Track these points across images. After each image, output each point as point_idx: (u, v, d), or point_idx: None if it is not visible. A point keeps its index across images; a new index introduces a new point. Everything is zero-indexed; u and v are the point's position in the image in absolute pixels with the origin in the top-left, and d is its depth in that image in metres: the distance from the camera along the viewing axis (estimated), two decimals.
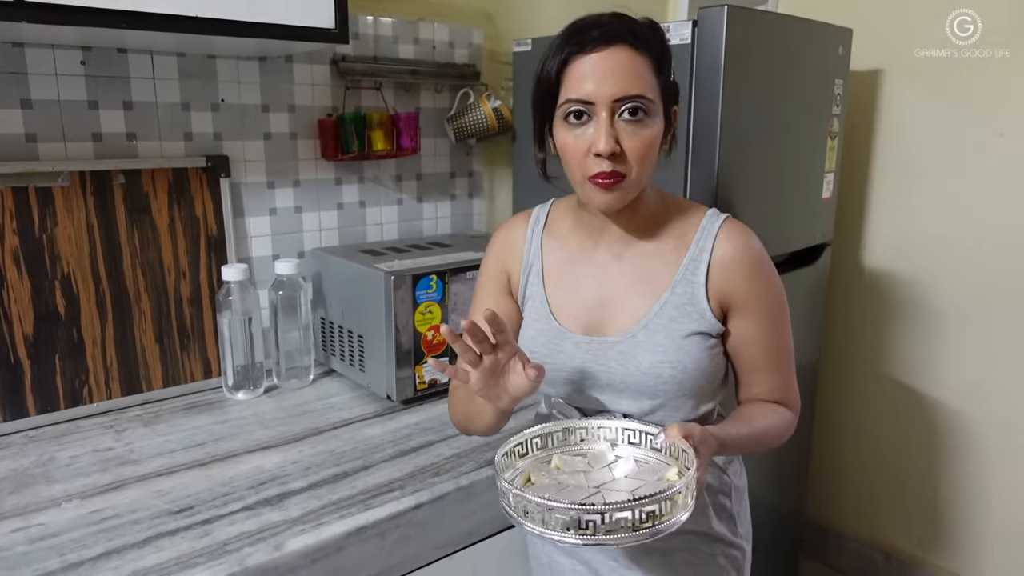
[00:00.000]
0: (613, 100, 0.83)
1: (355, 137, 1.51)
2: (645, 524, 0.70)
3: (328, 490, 1.04)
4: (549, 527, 0.71)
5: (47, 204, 1.22)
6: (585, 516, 0.69)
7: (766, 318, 0.93)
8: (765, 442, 0.93)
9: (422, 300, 1.32)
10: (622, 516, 0.69)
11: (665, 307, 0.92)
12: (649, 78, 0.85)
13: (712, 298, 0.91)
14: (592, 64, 0.84)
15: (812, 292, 1.84)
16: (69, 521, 0.95)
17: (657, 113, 0.86)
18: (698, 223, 0.94)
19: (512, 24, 1.84)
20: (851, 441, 2.17)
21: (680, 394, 0.92)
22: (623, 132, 0.84)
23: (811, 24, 1.58)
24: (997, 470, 1.89)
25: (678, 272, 0.92)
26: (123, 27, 0.99)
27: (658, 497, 0.70)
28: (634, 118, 0.84)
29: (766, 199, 1.55)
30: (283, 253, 1.53)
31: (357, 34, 1.55)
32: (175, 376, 1.39)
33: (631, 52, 0.84)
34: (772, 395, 0.97)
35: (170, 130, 1.35)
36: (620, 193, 0.87)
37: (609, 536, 0.69)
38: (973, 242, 1.83)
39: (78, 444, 1.18)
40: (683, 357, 0.90)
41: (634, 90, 0.83)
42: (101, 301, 1.29)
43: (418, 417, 1.30)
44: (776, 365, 0.96)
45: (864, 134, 1.98)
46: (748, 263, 0.92)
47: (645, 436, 0.86)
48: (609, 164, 0.84)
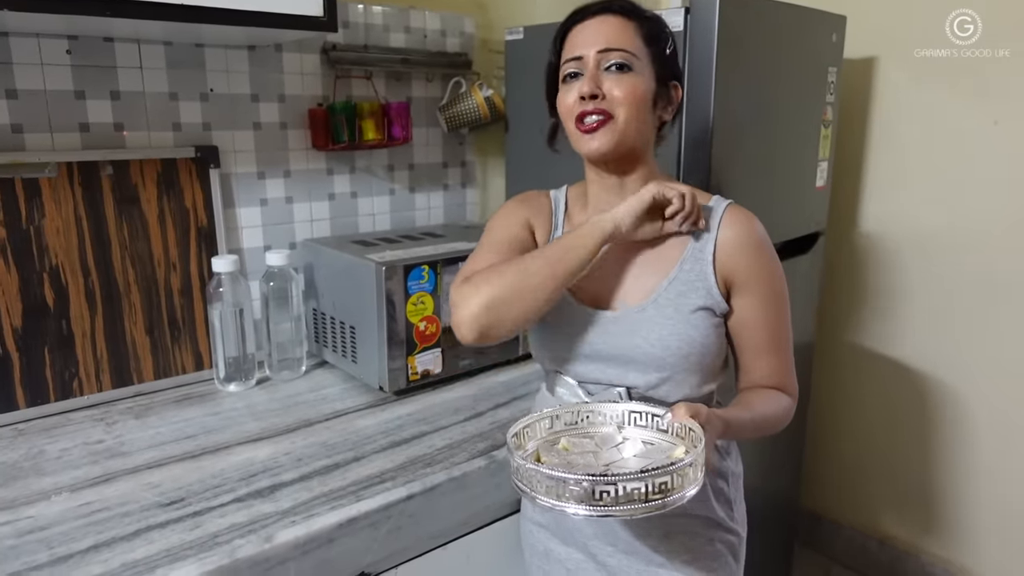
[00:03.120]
0: (597, 51, 0.92)
1: (346, 127, 1.49)
2: (656, 496, 0.72)
3: (319, 481, 1.03)
4: (563, 499, 0.72)
5: (34, 196, 1.20)
6: (599, 487, 0.71)
7: (768, 299, 0.97)
8: (766, 428, 0.96)
9: (414, 291, 1.31)
10: (635, 487, 0.71)
11: (674, 283, 0.95)
12: (636, 41, 0.93)
13: (718, 275, 0.95)
14: (585, 28, 0.94)
15: (806, 280, 1.83)
16: (59, 514, 0.95)
17: (642, 70, 0.93)
18: (705, 203, 0.98)
19: (504, 12, 1.82)
20: (845, 429, 2.17)
21: (686, 368, 0.94)
22: (607, 80, 0.92)
23: (804, 11, 1.57)
24: (992, 457, 1.90)
25: (686, 250, 0.96)
26: (107, 15, 0.98)
27: (670, 469, 0.72)
28: (619, 71, 0.92)
29: (760, 187, 1.54)
30: (274, 244, 1.52)
31: (347, 22, 1.54)
32: (166, 368, 1.38)
33: (621, 18, 0.94)
34: (771, 380, 0.99)
35: (158, 120, 1.34)
36: (606, 136, 0.92)
37: (620, 508, 0.71)
38: (967, 229, 1.83)
39: (68, 437, 1.18)
40: (691, 331, 0.93)
41: (617, 44, 0.92)
42: (90, 293, 1.28)
43: (410, 408, 1.30)
44: (776, 348, 0.98)
45: (858, 122, 1.98)
46: (752, 245, 0.95)
47: (651, 418, 0.87)
48: (592, 104, 0.91)
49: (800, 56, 1.60)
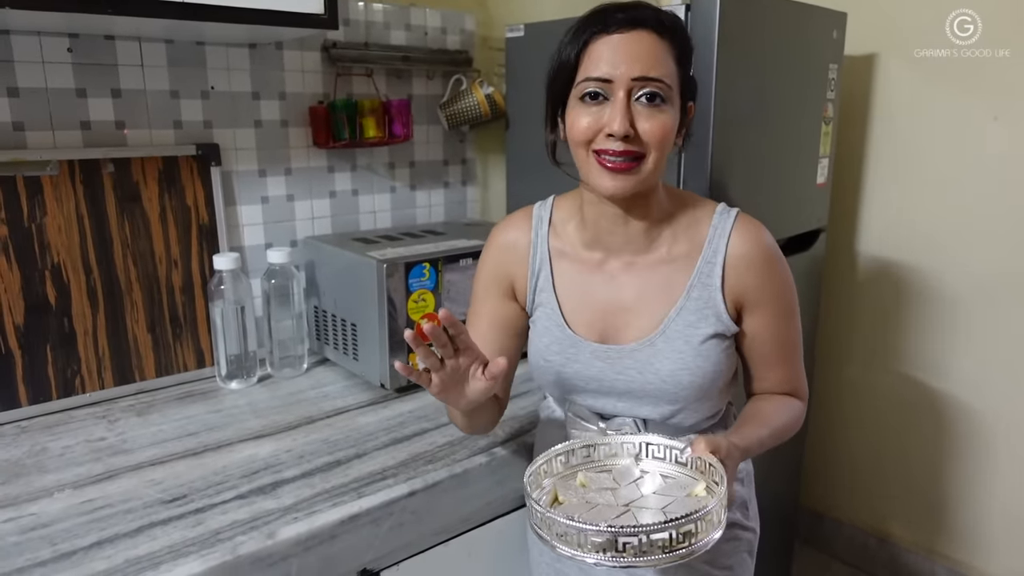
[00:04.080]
0: (632, 79, 0.81)
1: (347, 124, 1.50)
2: (681, 544, 0.69)
3: (321, 478, 1.04)
4: (584, 550, 0.69)
5: (36, 193, 1.21)
6: (622, 539, 0.68)
7: (779, 313, 0.94)
8: (782, 439, 0.94)
9: (415, 288, 1.31)
10: (659, 537, 0.68)
11: (682, 312, 0.91)
12: (670, 65, 0.83)
13: (728, 298, 0.91)
14: (614, 44, 0.82)
15: (807, 278, 1.83)
16: (61, 511, 0.95)
17: (674, 102, 0.84)
18: (709, 221, 0.93)
19: (505, 10, 1.82)
20: (846, 427, 2.18)
21: (699, 398, 0.92)
22: (639, 115, 0.82)
23: (805, 7, 1.57)
24: (991, 453, 1.90)
25: (693, 275, 0.91)
26: (109, 12, 0.98)
27: (694, 517, 0.69)
28: (651, 103, 0.82)
29: (761, 184, 1.54)
30: (275, 242, 1.52)
31: (348, 20, 1.54)
32: (168, 366, 1.38)
33: (655, 37, 0.82)
34: (783, 387, 0.98)
35: (159, 118, 1.34)
36: (632, 179, 0.84)
37: (643, 558, 0.68)
38: (968, 227, 1.83)
39: (71, 434, 1.18)
40: (702, 363, 0.90)
41: (654, 72, 0.81)
42: (92, 291, 1.28)
43: (412, 405, 1.30)
44: (788, 358, 0.97)
45: (859, 119, 1.98)
46: (762, 260, 0.91)
47: (670, 451, 0.85)
48: (622, 145, 0.82)
49: (801, 53, 1.59)
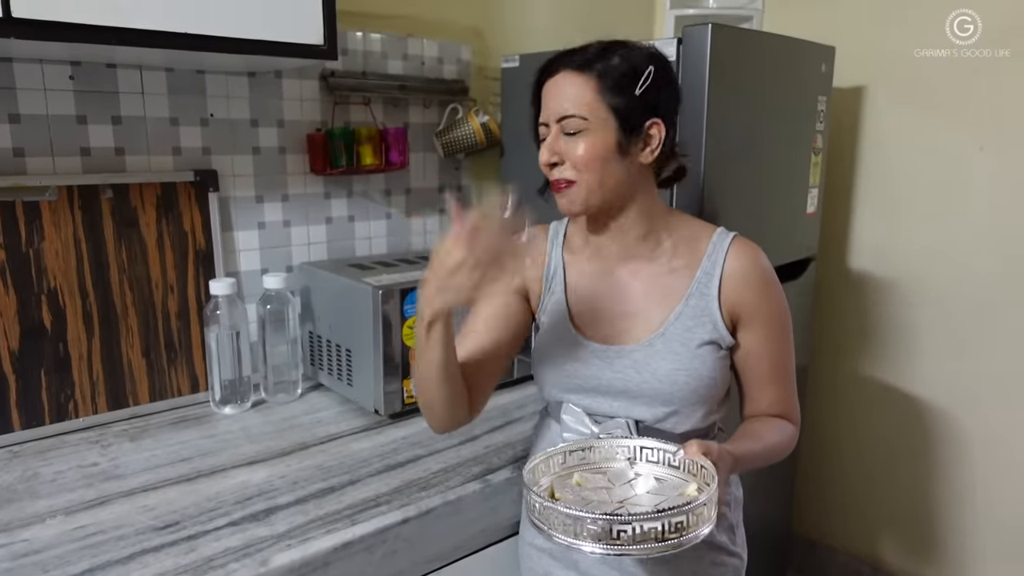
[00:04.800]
0: (556, 119, 0.94)
1: (344, 152, 1.51)
2: (672, 535, 0.73)
3: (315, 505, 1.04)
4: (580, 537, 0.74)
5: (34, 218, 1.21)
6: (616, 526, 0.72)
7: (773, 331, 0.99)
8: (774, 457, 0.97)
9: (410, 314, 1.32)
10: (652, 527, 0.72)
11: (681, 317, 0.96)
12: (590, 98, 0.92)
13: (724, 309, 0.96)
14: (548, 89, 0.96)
15: (798, 305, 1.85)
16: (53, 537, 0.95)
17: (597, 128, 0.92)
18: (708, 239, 1.00)
19: (501, 41, 1.86)
20: (839, 454, 2.18)
21: (693, 402, 0.96)
22: (564, 144, 0.94)
23: (794, 42, 1.60)
24: (986, 480, 1.90)
25: (692, 285, 0.97)
26: (113, 43, 1.00)
27: (685, 508, 0.73)
28: (569, 133, 0.93)
29: (751, 214, 1.57)
30: (271, 267, 1.53)
31: (346, 50, 1.57)
32: (162, 391, 1.38)
33: (574, 75, 0.93)
34: (776, 409, 1.01)
35: (159, 145, 1.36)
36: (569, 196, 0.95)
37: (637, 547, 0.72)
38: (957, 254, 1.86)
39: (63, 459, 1.17)
40: (698, 365, 0.95)
41: (570, 109, 0.92)
42: (88, 315, 1.29)
43: (406, 431, 1.30)
44: (780, 378, 1.01)
45: (847, 150, 2.01)
46: (758, 278, 0.98)
47: (663, 454, 0.89)
48: (556, 172, 0.95)
49: (790, 85, 1.63)
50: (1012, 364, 1.80)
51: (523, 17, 1.91)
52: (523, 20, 1.91)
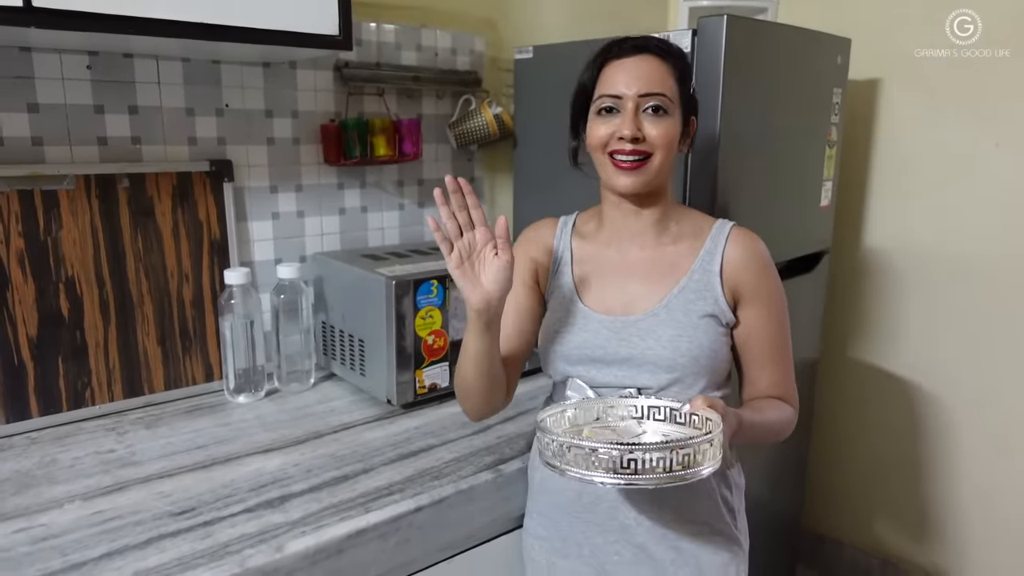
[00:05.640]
0: (639, 95, 0.97)
1: (357, 142, 1.52)
2: (678, 467, 0.77)
3: (329, 493, 1.04)
4: (592, 468, 0.78)
5: (52, 207, 1.23)
6: (627, 456, 0.77)
7: (772, 312, 1.03)
8: (773, 434, 1.01)
9: (423, 305, 1.32)
10: (660, 456, 0.77)
11: (684, 290, 1.01)
12: (670, 83, 0.98)
13: (725, 287, 1.01)
14: (624, 67, 0.98)
15: (810, 299, 1.85)
16: (71, 522, 0.96)
17: (674, 113, 0.99)
18: (709, 227, 1.06)
19: (514, 32, 1.85)
20: (849, 448, 2.18)
21: (695, 371, 0.99)
22: (646, 122, 0.97)
23: (810, 34, 1.59)
24: (997, 476, 1.90)
25: (695, 262, 1.03)
26: (130, 33, 1.00)
27: (692, 442, 0.78)
28: (655, 113, 0.97)
29: (765, 207, 1.56)
30: (285, 257, 1.54)
31: (360, 41, 1.57)
32: (177, 379, 1.40)
33: (658, 60, 0.99)
34: (775, 390, 1.05)
35: (174, 134, 1.37)
36: (642, 176, 0.98)
37: (645, 477, 0.77)
38: (971, 249, 1.85)
39: (80, 446, 1.19)
40: (699, 335, 0.99)
41: (657, 88, 0.97)
42: (104, 304, 1.30)
43: (418, 421, 1.31)
44: (779, 359, 1.05)
45: (862, 143, 2.00)
46: (757, 261, 1.03)
47: (669, 411, 0.93)
48: (631, 146, 0.97)
49: (805, 78, 1.62)
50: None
51: (536, 8, 1.90)
52: (536, 11, 1.90)
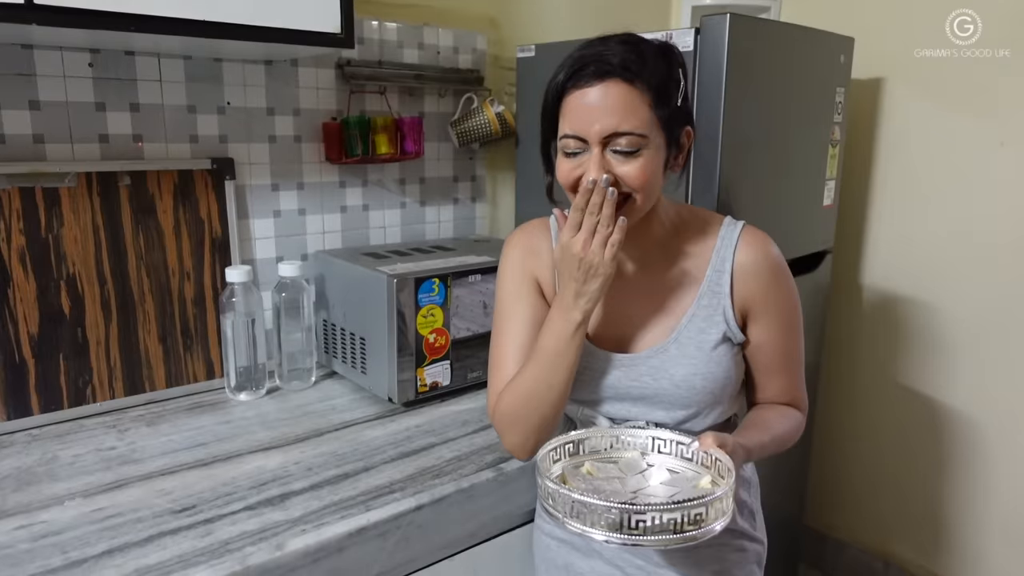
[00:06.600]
0: (603, 137, 0.84)
1: (359, 141, 1.52)
2: (690, 527, 0.72)
3: (329, 491, 1.04)
4: (595, 526, 0.73)
5: (53, 205, 1.23)
6: (633, 516, 0.71)
7: (784, 323, 0.97)
8: (782, 446, 0.97)
9: (424, 303, 1.32)
10: (671, 518, 0.71)
11: (693, 319, 0.95)
12: (642, 112, 0.84)
13: (736, 305, 0.95)
14: (587, 98, 0.85)
15: (813, 299, 1.84)
16: (72, 519, 0.96)
17: (650, 145, 0.86)
18: (717, 232, 0.98)
19: (516, 30, 1.85)
20: (851, 448, 2.17)
21: (711, 403, 0.95)
22: (614, 163, 0.86)
23: (813, 33, 1.59)
24: (1000, 476, 1.89)
25: (703, 284, 0.95)
26: (132, 30, 1.00)
27: (705, 501, 0.72)
28: (623, 152, 0.85)
29: (767, 206, 1.56)
30: (286, 255, 1.54)
31: (362, 39, 1.57)
32: (178, 376, 1.40)
33: (624, 87, 0.84)
34: (784, 397, 1.01)
35: (176, 132, 1.37)
36: (622, 215, 0.87)
37: (653, 538, 0.71)
38: (976, 249, 1.84)
39: (81, 443, 1.19)
40: (714, 368, 0.93)
41: (625, 126, 0.84)
42: (106, 301, 1.30)
43: (419, 420, 1.31)
44: (790, 368, 1.00)
45: (865, 142, 1.99)
46: (768, 270, 0.96)
47: (676, 445, 0.88)
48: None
49: (809, 76, 1.61)
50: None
51: (539, 6, 1.90)
52: (539, 9, 1.90)
